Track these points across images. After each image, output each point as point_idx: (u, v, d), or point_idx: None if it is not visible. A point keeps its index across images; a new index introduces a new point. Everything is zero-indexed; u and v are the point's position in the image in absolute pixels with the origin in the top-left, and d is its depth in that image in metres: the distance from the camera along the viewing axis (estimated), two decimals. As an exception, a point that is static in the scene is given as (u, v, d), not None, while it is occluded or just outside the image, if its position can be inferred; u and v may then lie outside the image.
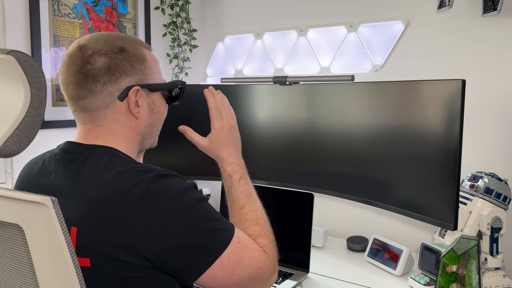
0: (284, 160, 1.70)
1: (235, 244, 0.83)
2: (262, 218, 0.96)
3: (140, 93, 0.89)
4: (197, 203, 0.82)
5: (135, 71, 0.88)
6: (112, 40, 0.88)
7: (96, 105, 0.87)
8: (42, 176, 0.88)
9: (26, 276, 0.72)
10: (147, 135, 0.95)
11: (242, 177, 1.00)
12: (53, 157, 0.89)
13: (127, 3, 1.99)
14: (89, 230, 0.77)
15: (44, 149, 0.98)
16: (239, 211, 0.95)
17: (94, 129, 0.89)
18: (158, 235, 0.76)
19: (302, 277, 1.45)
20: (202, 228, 0.80)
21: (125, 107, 0.89)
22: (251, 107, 1.75)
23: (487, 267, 1.29)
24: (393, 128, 1.40)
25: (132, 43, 0.90)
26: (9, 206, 0.68)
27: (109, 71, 0.85)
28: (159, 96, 0.95)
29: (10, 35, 1.60)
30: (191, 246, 0.78)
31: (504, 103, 1.50)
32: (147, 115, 0.93)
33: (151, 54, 0.94)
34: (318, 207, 1.75)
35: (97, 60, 0.85)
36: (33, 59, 0.79)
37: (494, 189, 1.30)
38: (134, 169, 0.81)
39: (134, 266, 0.77)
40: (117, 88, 0.87)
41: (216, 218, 0.83)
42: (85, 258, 0.77)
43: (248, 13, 2.15)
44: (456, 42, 1.59)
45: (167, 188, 0.79)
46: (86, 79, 0.85)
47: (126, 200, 0.77)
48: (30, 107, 0.77)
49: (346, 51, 1.85)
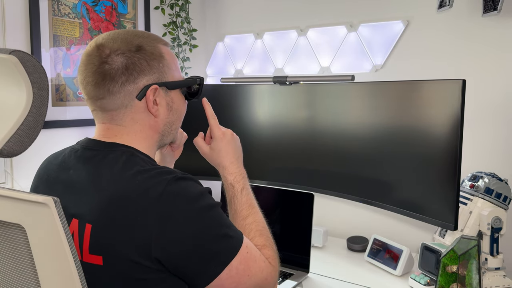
0: (284, 160, 1.71)
1: (243, 254, 0.83)
2: (265, 229, 0.96)
3: (158, 92, 0.88)
4: (211, 208, 0.82)
5: (153, 70, 0.87)
6: (129, 39, 0.87)
7: (115, 105, 0.87)
8: (60, 171, 0.88)
9: (28, 276, 0.72)
10: (167, 133, 0.94)
11: (244, 187, 1.00)
12: (73, 153, 0.89)
13: (127, 3, 1.98)
14: (103, 228, 0.77)
15: (45, 149, 0.98)
16: (242, 221, 0.95)
17: (114, 128, 0.89)
18: (171, 238, 0.76)
19: (302, 277, 1.45)
20: (215, 234, 0.80)
21: (143, 106, 0.88)
22: (251, 107, 1.75)
23: (487, 267, 1.29)
24: (393, 128, 1.41)
25: (149, 40, 0.89)
26: (11, 206, 0.68)
27: (126, 71, 0.85)
28: (178, 93, 0.94)
29: (10, 35, 1.60)
30: (203, 251, 0.79)
31: (504, 102, 1.51)
32: (166, 113, 0.92)
33: (169, 50, 0.93)
34: (318, 207, 1.75)
35: (115, 59, 0.84)
36: (35, 59, 0.79)
37: (494, 189, 1.30)
38: (152, 170, 0.81)
39: (146, 268, 0.77)
40: (135, 88, 0.86)
41: (227, 225, 0.83)
42: (98, 256, 0.77)
43: (248, 13, 2.14)
44: (456, 42, 1.59)
45: (183, 191, 0.79)
46: (104, 79, 0.84)
47: (142, 200, 0.77)
48: (32, 107, 0.77)
49: (346, 51, 1.85)
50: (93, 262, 0.77)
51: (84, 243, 0.78)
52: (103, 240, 0.77)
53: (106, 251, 0.77)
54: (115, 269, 0.77)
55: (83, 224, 0.78)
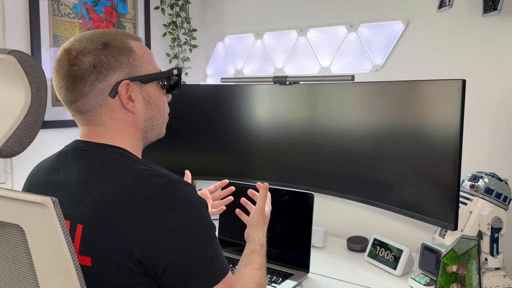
0: (284, 160, 1.70)
1: (226, 285, 0.80)
2: (263, 286, 0.99)
3: (131, 87, 0.87)
4: (204, 223, 0.80)
5: (122, 65, 0.85)
6: (95, 38, 0.86)
7: (89, 105, 0.86)
8: (50, 173, 0.88)
9: (27, 276, 0.72)
10: (149, 129, 0.92)
11: (265, 254, 1.07)
12: (63, 155, 0.89)
13: (127, 3, 1.98)
14: (93, 229, 0.77)
15: (44, 149, 0.98)
16: (251, 270, 0.99)
17: (95, 129, 0.88)
18: (155, 242, 0.74)
19: (302, 277, 1.45)
20: (199, 251, 0.77)
21: (118, 103, 0.86)
22: (251, 107, 1.75)
23: (487, 267, 1.29)
24: (393, 128, 1.40)
25: (117, 36, 0.87)
26: (9, 207, 0.68)
27: (94, 69, 0.83)
28: (155, 86, 0.92)
29: (10, 35, 1.60)
30: (184, 264, 0.76)
31: (505, 103, 1.50)
32: (144, 109, 0.90)
33: (139, 44, 0.90)
34: (318, 207, 1.75)
35: (82, 60, 0.83)
36: (33, 59, 0.78)
37: (495, 189, 1.30)
38: (144, 171, 0.80)
39: (130, 271, 0.75)
40: (107, 85, 0.85)
41: (215, 250, 0.80)
42: (87, 257, 0.77)
43: (248, 13, 2.14)
44: (456, 42, 1.59)
45: (176, 196, 0.77)
46: (75, 82, 0.84)
47: (132, 202, 0.76)
48: (30, 107, 0.77)
49: (346, 51, 1.85)
50: (82, 263, 0.76)
51: (75, 243, 0.78)
52: (91, 240, 0.77)
53: (94, 252, 0.76)
54: (102, 270, 0.76)
55: (75, 225, 0.78)
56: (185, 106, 1.76)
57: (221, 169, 1.79)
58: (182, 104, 1.00)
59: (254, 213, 1.14)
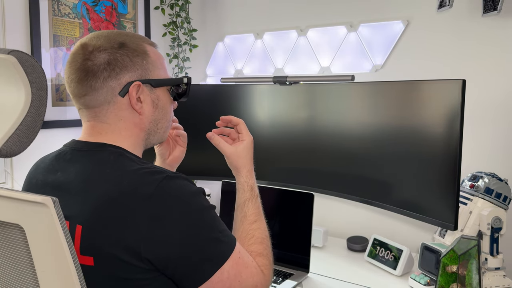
0: (284, 160, 1.70)
1: (235, 259, 0.83)
2: (267, 238, 0.97)
3: (142, 89, 0.88)
4: (204, 210, 0.81)
5: (135, 66, 0.87)
6: (113, 36, 0.87)
7: (98, 101, 0.87)
8: (48, 173, 0.88)
9: (27, 276, 0.72)
10: (153, 132, 0.94)
11: (258, 195, 1.03)
12: (62, 155, 0.89)
13: (127, 3, 1.98)
14: (94, 229, 0.77)
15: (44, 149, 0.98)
16: (248, 225, 0.96)
17: (98, 126, 0.88)
18: (162, 239, 0.76)
19: (302, 277, 1.45)
20: (206, 237, 0.80)
21: (127, 103, 0.88)
22: (251, 107, 1.75)
23: (487, 267, 1.29)
24: (393, 128, 1.40)
25: (133, 38, 0.89)
26: (10, 206, 0.68)
27: (108, 66, 0.85)
28: (164, 91, 0.94)
29: (10, 35, 1.60)
30: (194, 253, 0.78)
31: (505, 102, 1.50)
32: (151, 111, 0.91)
33: (154, 49, 0.93)
34: (318, 207, 1.75)
35: (97, 56, 0.85)
36: (34, 59, 0.79)
37: (494, 189, 1.30)
38: (141, 169, 0.80)
39: (137, 268, 0.76)
40: (118, 84, 0.86)
41: (220, 229, 0.83)
42: (88, 257, 0.77)
43: (248, 13, 2.14)
44: (456, 42, 1.59)
45: (175, 191, 0.79)
46: (87, 76, 0.85)
47: (132, 200, 0.76)
48: (31, 107, 0.77)
49: (346, 51, 1.85)
50: (84, 263, 0.77)
51: (75, 244, 0.78)
52: (93, 240, 0.77)
53: (96, 252, 0.77)
54: (106, 269, 0.77)
55: (74, 225, 0.78)
56: (185, 106, 1.76)
57: (221, 169, 1.79)
58: (182, 104, 1.00)
59: (239, 148, 1.05)
